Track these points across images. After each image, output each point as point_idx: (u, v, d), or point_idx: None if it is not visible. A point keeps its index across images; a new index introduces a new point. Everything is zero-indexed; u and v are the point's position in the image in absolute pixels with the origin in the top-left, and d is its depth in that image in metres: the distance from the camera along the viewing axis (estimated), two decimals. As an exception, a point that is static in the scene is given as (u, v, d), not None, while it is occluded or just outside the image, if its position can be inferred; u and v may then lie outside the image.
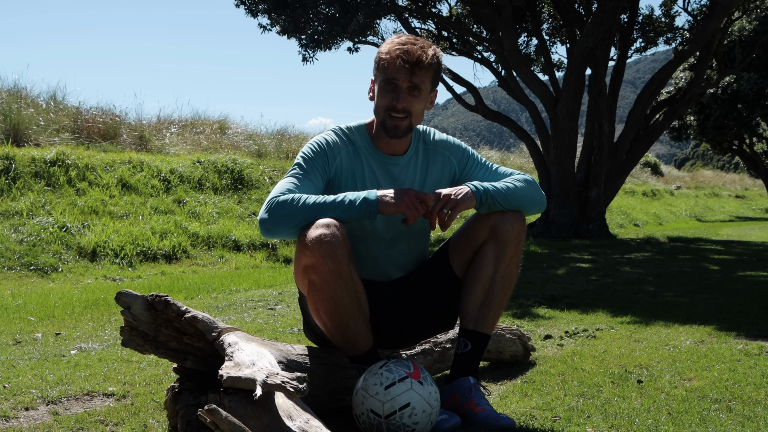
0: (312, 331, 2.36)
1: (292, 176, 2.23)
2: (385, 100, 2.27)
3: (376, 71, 2.31)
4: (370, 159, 2.34)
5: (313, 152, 2.28)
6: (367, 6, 10.89)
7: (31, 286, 5.70)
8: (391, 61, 2.24)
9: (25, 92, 10.03)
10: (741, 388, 2.47)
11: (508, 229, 2.24)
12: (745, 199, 27.24)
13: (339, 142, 2.32)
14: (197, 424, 1.91)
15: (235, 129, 12.94)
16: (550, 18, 13.82)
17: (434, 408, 2.00)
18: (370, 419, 1.97)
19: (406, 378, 1.98)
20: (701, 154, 49.31)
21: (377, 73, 2.30)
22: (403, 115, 2.26)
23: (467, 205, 2.21)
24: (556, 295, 4.96)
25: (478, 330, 2.28)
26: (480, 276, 2.26)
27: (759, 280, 6.04)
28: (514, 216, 2.26)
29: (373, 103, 2.33)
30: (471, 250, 2.30)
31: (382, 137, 2.33)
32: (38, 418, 2.22)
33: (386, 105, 2.27)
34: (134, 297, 2.03)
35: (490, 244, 2.26)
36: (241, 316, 4.20)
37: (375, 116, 2.35)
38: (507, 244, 2.24)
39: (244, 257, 7.73)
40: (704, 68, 12.73)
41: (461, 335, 2.29)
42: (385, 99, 2.27)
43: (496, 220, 2.25)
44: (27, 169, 7.68)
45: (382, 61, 2.27)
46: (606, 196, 11.94)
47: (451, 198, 2.18)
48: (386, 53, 2.26)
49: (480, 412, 2.16)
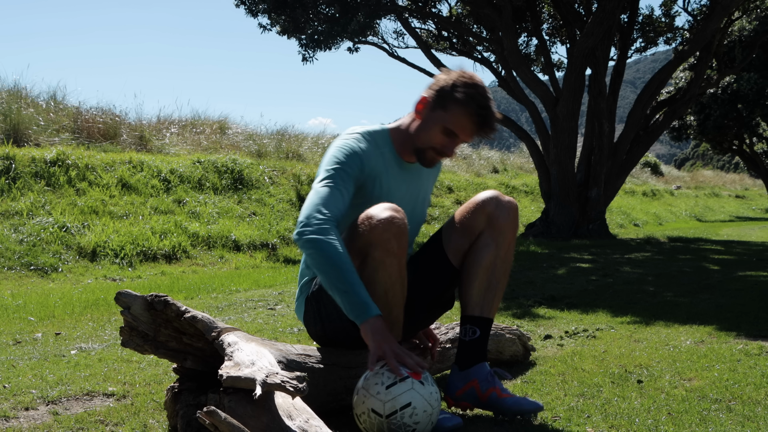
0: (316, 330, 2.36)
1: (326, 186, 2.16)
2: (438, 142, 2.27)
3: (444, 106, 2.25)
4: (394, 166, 2.34)
5: (346, 158, 2.23)
6: (367, 6, 10.89)
7: (31, 286, 5.70)
8: (468, 125, 2.23)
9: (25, 92, 10.03)
10: (741, 388, 2.47)
11: (505, 216, 2.29)
12: (745, 199, 27.24)
13: (370, 149, 2.29)
14: (197, 424, 1.91)
15: (235, 129, 12.94)
16: (550, 18, 13.83)
17: (435, 408, 2.01)
18: (371, 418, 1.97)
19: (407, 378, 1.98)
20: (701, 154, 49.33)
21: (446, 111, 2.24)
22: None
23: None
24: (556, 295, 4.96)
25: (484, 315, 2.30)
26: (482, 262, 2.29)
27: (759, 280, 6.04)
28: (509, 204, 2.31)
29: (416, 121, 2.30)
30: (467, 239, 2.33)
31: (408, 153, 2.35)
32: (38, 418, 2.22)
33: (437, 147, 2.28)
34: (134, 297, 2.03)
35: (488, 231, 2.30)
36: (241, 316, 4.20)
37: (414, 137, 2.31)
38: (505, 231, 2.29)
39: (244, 257, 7.73)
40: (704, 68, 12.73)
41: (467, 322, 2.31)
42: (439, 141, 2.27)
43: (491, 208, 2.29)
44: (27, 169, 7.68)
45: (460, 111, 2.22)
46: (606, 196, 11.94)
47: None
48: (466, 112, 2.22)
49: (507, 397, 2.20)
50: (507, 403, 2.19)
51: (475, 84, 2.24)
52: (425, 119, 2.28)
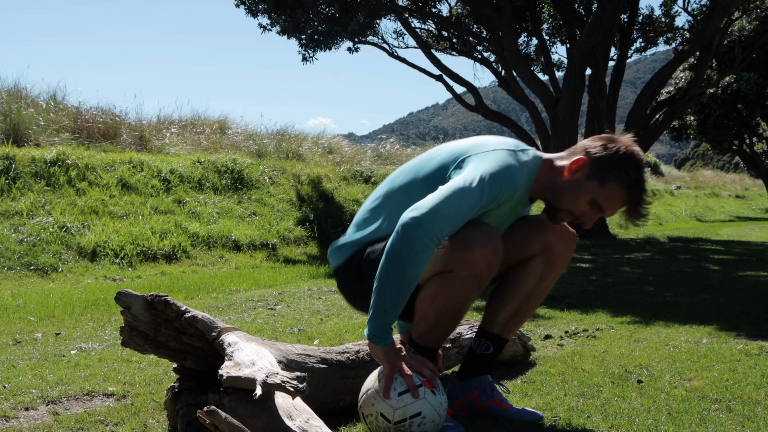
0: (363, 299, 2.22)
1: (468, 208, 1.96)
2: (580, 211, 2.11)
3: (603, 180, 2.06)
4: (518, 198, 2.15)
5: (500, 191, 2.02)
6: (367, 6, 10.89)
7: (31, 286, 5.70)
8: (619, 207, 2.09)
9: (25, 92, 10.04)
10: (741, 388, 2.47)
11: (563, 251, 2.22)
12: (745, 199, 27.24)
13: (519, 189, 2.09)
14: (197, 424, 1.91)
15: (235, 129, 12.94)
16: (550, 18, 13.83)
17: (442, 417, 2.01)
18: (378, 422, 1.97)
19: (420, 386, 1.97)
20: (701, 154, 49.33)
21: (603, 186, 2.07)
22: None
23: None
24: (556, 295, 4.95)
25: (503, 336, 2.28)
26: (522, 288, 2.24)
27: (759, 280, 6.04)
28: (570, 238, 2.23)
29: (565, 178, 2.11)
30: (516, 258, 2.24)
31: (539, 195, 2.17)
32: (38, 418, 2.21)
33: (576, 213, 2.12)
34: (134, 297, 2.03)
35: (540, 260, 2.22)
36: (241, 316, 4.20)
37: (556, 193, 2.12)
38: (557, 266, 2.24)
39: (244, 257, 7.73)
40: (704, 68, 12.74)
41: (484, 336, 2.28)
42: (582, 210, 2.11)
43: (552, 239, 2.21)
44: (27, 169, 7.68)
45: (618, 194, 2.07)
46: (606, 196, 11.93)
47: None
48: (624, 197, 2.07)
49: (507, 408, 2.20)
50: (507, 414, 2.19)
51: (641, 166, 2.07)
52: (576, 184, 2.10)
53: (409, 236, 1.90)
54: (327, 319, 4.12)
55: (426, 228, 1.90)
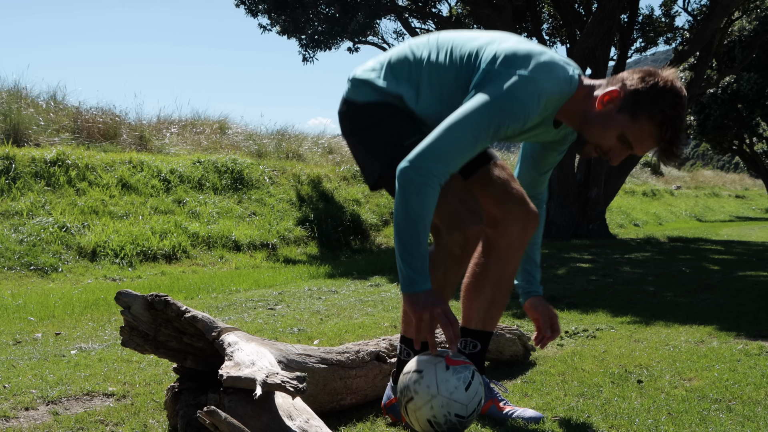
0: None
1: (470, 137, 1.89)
2: (608, 145, 1.98)
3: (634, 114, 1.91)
4: (543, 124, 2.05)
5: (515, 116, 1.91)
6: (367, 6, 10.89)
7: (31, 286, 5.70)
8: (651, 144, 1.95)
9: (25, 92, 10.04)
10: (741, 388, 2.47)
11: (522, 229, 2.22)
12: (745, 199, 27.23)
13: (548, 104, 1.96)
14: (197, 424, 1.91)
15: (235, 129, 12.93)
16: (550, 18, 13.83)
17: (445, 398, 2.00)
18: (451, 422, 1.93)
19: (473, 371, 1.98)
20: (701, 154, 49.32)
21: (634, 121, 1.91)
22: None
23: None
24: (556, 295, 4.95)
25: (486, 329, 2.28)
26: (490, 275, 2.24)
27: (759, 280, 6.04)
28: (531, 216, 2.23)
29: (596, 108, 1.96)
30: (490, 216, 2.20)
31: (566, 121, 2.05)
32: (38, 418, 2.21)
33: (604, 147, 1.99)
34: (134, 297, 2.03)
35: (502, 242, 2.22)
36: (241, 316, 4.20)
37: (586, 123, 1.99)
38: (517, 245, 2.23)
39: (244, 257, 7.73)
40: (704, 68, 12.73)
41: (469, 335, 2.27)
42: (609, 144, 1.97)
43: (510, 220, 2.20)
44: (27, 169, 7.68)
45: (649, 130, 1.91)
46: (606, 196, 11.94)
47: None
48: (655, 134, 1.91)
49: (508, 410, 2.20)
50: (507, 415, 2.19)
51: (680, 103, 1.91)
52: (606, 116, 1.95)
53: (402, 178, 1.88)
54: (327, 319, 4.12)
55: (418, 167, 1.87)
